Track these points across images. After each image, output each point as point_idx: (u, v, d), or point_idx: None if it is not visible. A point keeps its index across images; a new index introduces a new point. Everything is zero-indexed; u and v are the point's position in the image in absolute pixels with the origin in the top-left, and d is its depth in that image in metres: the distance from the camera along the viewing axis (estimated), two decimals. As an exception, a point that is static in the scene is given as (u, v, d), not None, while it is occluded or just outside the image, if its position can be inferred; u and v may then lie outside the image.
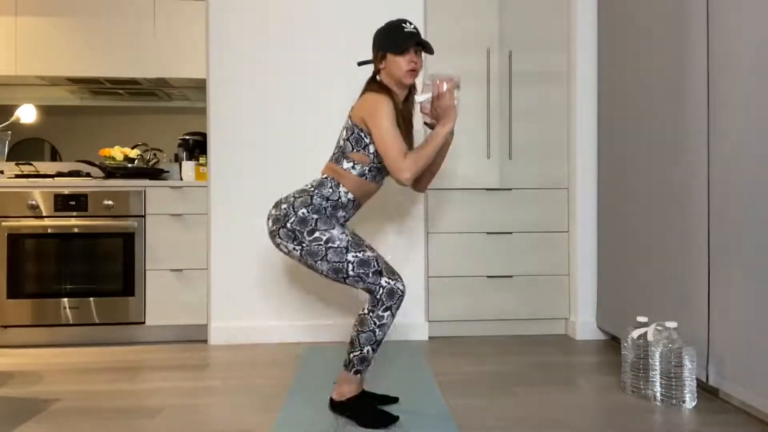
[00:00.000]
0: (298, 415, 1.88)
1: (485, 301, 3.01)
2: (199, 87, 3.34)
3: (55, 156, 3.48)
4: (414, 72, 1.84)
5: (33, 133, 3.47)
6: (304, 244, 1.76)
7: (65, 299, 2.87)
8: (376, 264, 1.77)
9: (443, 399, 2.04)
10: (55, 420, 1.87)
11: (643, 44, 2.45)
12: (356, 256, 1.76)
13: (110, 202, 2.90)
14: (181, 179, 3.15)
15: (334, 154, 1.88)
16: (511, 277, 3.03)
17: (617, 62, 2.71)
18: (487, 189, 3.02)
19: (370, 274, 1.75)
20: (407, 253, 2.96)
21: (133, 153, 3.19)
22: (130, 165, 3.15)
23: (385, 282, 1.75)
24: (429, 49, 1.87)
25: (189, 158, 3.23)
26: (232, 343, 2.90)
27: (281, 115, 2.93)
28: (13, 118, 3.30)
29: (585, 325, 2.96)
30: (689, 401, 1.95)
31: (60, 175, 3.09)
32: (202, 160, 3.16)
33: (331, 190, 1.82)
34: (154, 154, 3.35)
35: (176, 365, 2.53)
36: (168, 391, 2.17)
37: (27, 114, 3.35)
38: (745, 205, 1.82)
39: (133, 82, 3.29)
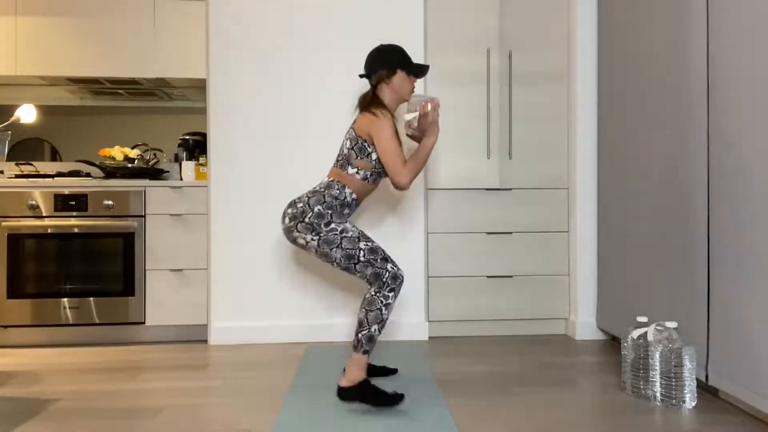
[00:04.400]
0: (298, 415, 1.89)
1: (485, 301, 3.01)
2: (199, 87, 3.34)
3: (55, 156, 3.48)
4: (413, 92, 2.17)
5: (33, 133, 3.47)
6: (321, 234, 2.00)
7: (65, 299, 2.87)
8: (382, 252, 2.04)
9: (443, 399, 2.04)
10: (55, 420, 1.87)
11: (643, 44, 2.45)
12: (367, 245, 2.02)
13: (110, 202, 2.90)
14: (181, 179, 3.15)
15: (338, 161, 2.11)
16: (511, 277, 3.03)
17: (617, 62, 2.71)
18: (487, 189, 3.02)
19: (379, 260, 2.01)
20: (407, 253, 2.96)
21: (133, 153, 3.18)
22: (130, 165, 3.14)
23: (391, 267, 2.01)
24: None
25: (189, 158, 3.24)
26: (232, 343, 2.90)
27: (281, 115, 2.93)
28: (13, 118, 3.30)
29: (585, 325, 2.96)
30: (689, 401, 1.95)
31: (60, 175, 3.09)
32: (202, 160, 3.16)
33: (338, 191, 2.05)
34: (154, 154, 3.35)
35: (176, 365, 2.53)
36: (168, 391, 2.17)
37: (27, 114, 3.35)
38: (744, 204, 1.82)
39: (133, 82, 3.29)
